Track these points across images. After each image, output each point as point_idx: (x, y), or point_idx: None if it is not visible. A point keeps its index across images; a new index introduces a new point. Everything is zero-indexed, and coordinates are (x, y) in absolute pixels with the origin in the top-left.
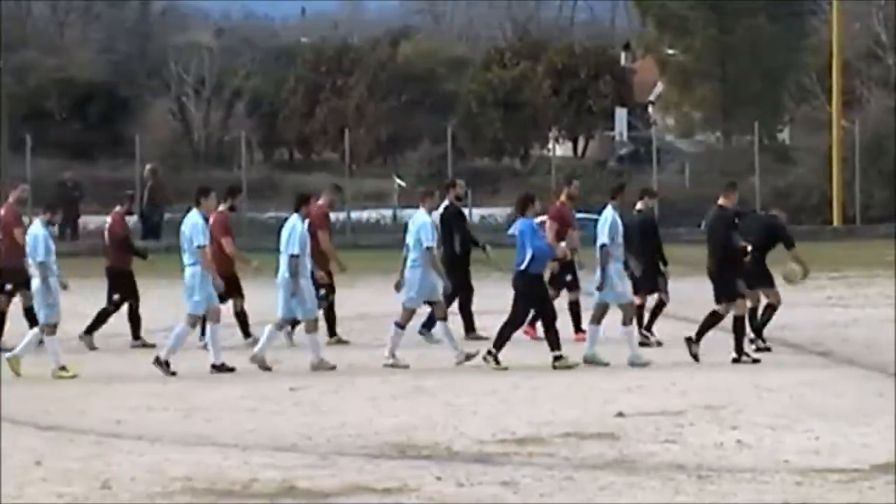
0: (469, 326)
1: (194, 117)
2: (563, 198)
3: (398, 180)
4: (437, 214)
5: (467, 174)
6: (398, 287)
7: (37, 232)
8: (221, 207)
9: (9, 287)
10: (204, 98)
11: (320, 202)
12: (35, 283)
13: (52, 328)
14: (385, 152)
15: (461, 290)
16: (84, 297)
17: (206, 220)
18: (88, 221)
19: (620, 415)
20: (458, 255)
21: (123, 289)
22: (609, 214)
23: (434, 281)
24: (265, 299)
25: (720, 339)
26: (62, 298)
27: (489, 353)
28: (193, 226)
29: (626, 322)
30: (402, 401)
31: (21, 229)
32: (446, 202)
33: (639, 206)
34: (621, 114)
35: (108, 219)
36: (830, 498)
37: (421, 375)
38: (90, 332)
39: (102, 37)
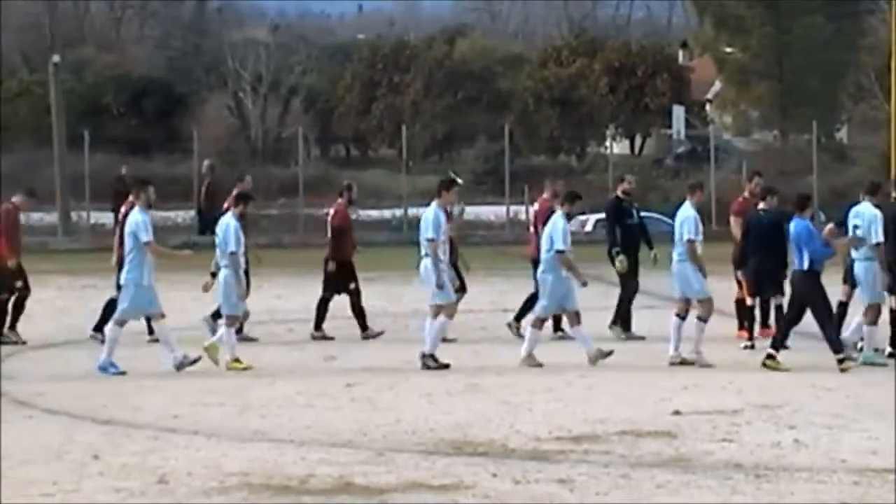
0: (626, 323)
1: (251, 113)
2: (746, 193)
3: (454, 177)
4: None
5: (523, 172)
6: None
7: (228, 222)
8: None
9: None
10: (261, 94)
11: (545, 195)
12: (223, 273)
13: (232, 319)
14: (441, 149)
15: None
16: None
17: (448, 213)
18: None
19: (677, 413)
20: (623, 250)
21: (345, 279)
22: (875, 211)
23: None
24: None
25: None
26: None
27: (769, 356)
28: (425, 219)
29: (872, 322)
30: (458, 398)
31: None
32: (613, 195)
33: (872, 198)
34: (679, 112)
35: (331, 210)
36: (888, 498)
37: (476, 373)
38: (318, 326)
39: (159, 33)
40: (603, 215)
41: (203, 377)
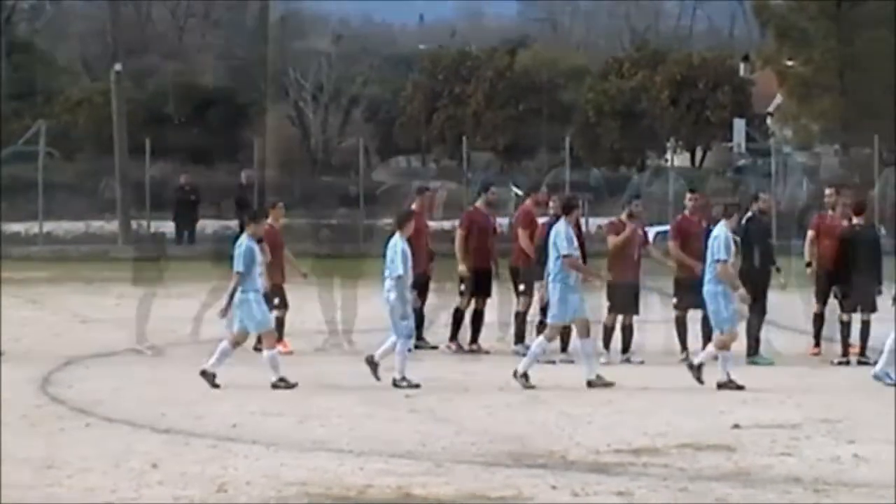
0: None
1: (312, 123)
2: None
3: (515, 189)
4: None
5: (584, 184)
6: None
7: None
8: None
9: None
10: (322, 104)
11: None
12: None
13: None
14: (502, 161)
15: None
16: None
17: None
18: (206, 225)
19: (737, 427)
20: (757, 269)
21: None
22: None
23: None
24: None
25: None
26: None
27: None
28: (555, 234)
29: None
30: (518, 410)
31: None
32: (749, 214)
33: None
34: (740, 125)
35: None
36: None
37: (537, 385)
38: (474, 339)
39: (221, 42)
40: (664, 228)
41: (264, 387)
